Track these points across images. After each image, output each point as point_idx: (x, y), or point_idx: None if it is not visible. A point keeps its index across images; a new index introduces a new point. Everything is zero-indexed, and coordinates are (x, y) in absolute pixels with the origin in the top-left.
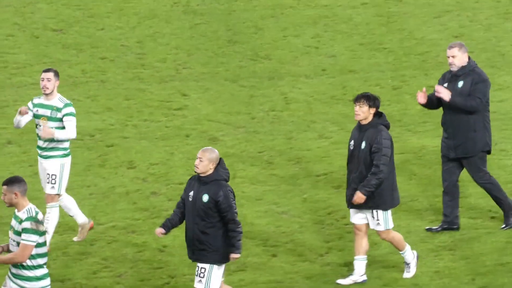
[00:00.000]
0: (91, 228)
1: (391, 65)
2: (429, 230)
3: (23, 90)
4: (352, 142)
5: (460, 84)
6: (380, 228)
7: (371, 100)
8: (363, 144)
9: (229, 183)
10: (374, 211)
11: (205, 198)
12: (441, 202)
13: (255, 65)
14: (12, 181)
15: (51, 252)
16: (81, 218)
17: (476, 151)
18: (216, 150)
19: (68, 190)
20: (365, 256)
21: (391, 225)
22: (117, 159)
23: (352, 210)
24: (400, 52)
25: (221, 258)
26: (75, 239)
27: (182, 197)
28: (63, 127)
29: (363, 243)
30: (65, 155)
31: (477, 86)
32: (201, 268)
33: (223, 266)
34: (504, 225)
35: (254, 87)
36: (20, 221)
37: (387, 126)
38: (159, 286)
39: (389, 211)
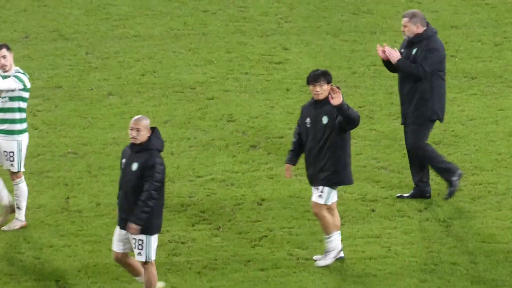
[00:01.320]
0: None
1: (493, 21)
2: (400, 197)
3: (125, 42)
4: (307, 120)
5: (414, 51)
6: (321, 200)
7: (328, 76)
8: (325, 119)
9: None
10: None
11: (134, 166)
12: None
13: (357, 20)
14: None
15: None
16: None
17: (424, 119)
18: (147, 118)
19: (168, 142)
20: (339, 232)
21: (330, 201)
22: (217, 112)
23: (313, 188)
24: (502, 8)
25: (154, 229)
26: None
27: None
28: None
29: (334, 219)
30: (21, 132)
31: (425, 54)
32: (138, 240)
33: (156, 236)
34: (446, 194)
35: (355, 41)
36: None
37: None
38: (257, 239)
39: (335, 190)
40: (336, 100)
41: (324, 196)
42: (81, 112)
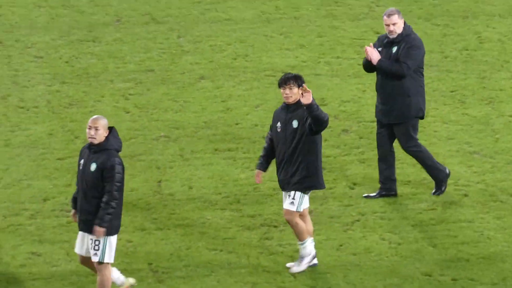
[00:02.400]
0: None
1: None
2: (367, 197)
3: (217, 26)
4: (278, 124)
5: (394, 49)
6: (292, 207)
7: (299, 80)
8: (295, 123)
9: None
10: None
11: (93, 167)
12: None
13: (449, 4)
14: None
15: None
16: None
17: (409, 117)
18: (104, 117)
19: (259, 126)
20: (312, 238)
21: (302, 208)
22: None
23: (284, 194)
24: None
25: (113, 230)
26: None
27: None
28: None
29: (307, 225)
30: None
31: (407, 51)
32: (95, 240)
33: (115, 237)
34: (434, 191)
35: (447, 25)
36: None
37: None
38: (349, 223)
39: (307, 195)
40: (306, 99)
41: (295, 202)
42: (173, 95)
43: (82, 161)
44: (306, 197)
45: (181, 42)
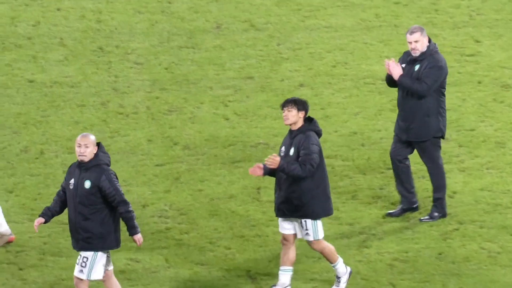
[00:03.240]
0: (9, 241)
1: None
2: (388, 215)
3: (316, 33)
4: (283, 148)
5: (417, 67)
6: (309, 238)
7: (299, 104)
8: (292, 150)
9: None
10: (303, 220)
11: (87, 184)
12: None
13: None
14: None
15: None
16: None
17: (428, 136)
18: (92, 134)
19: (359, 133)
20: (291, 268)
21: (321, 235)
22: None
23: (280, 219)
24: None
25: (106, 244)
26: None
27: (63, 185)
28: None
29: (289, 253)
30: None
31: (429, 71)
32: (83, 257)
33: (105, 254)
34: (427, 217)
35: None
36: None
37: (318, 133)
38: (448, 232)
39: (319, 221)
40: (273, 165)
41: (310, 232)
42: (272, 103)
43: (72, 181)
44: (319, 222)
45: (281, 49)
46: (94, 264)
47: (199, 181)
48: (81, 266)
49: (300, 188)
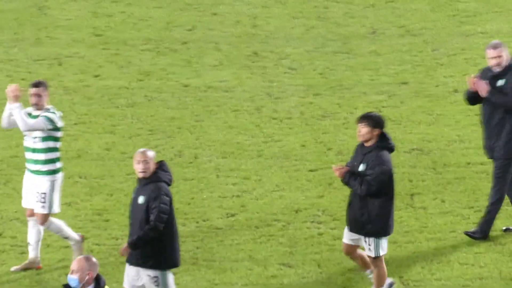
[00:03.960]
0: (38, 268)
1: None
2: (506, 230)
3: (472, 39)
4: (355, 163)
5: (500, 82)
6: (370, 254)
7: (373, 120)
8: (361, 167)
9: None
10: (367, 237)
11: (141, 199)
12: None
13: None
14: None
15: None
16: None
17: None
18: (151, 149)
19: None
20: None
21: (381, 252)
22: None
23: (346, 229)
24: None
25: (167, 264)
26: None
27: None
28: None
29: (362, 258)
30: (55, 172)
31: None
32: (153, 277)
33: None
34: (474, 231)
35: None
36: None
37: (391, 149)
38: None
39: (383, 239)
40: (338, 176)
41: (372, 248)
42: (426, 108)
43: (133, 195)
44: (381, 240)
45: (436, 55)
46: (167, 282)
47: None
48: (155, 285)
49: (366, 205)
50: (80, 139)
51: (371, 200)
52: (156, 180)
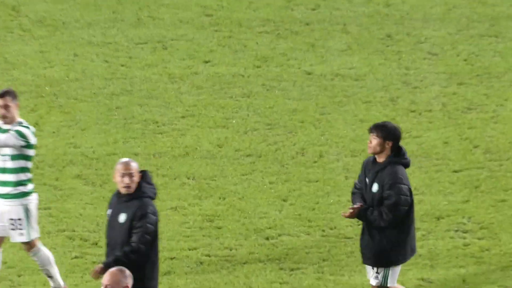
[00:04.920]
0: None
1: None
2: None
3: None
4: (367, 179)
5: None
6: (376, 282)
7: (387, 131)
8: (375, 187)
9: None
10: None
11: (122, 218)
12: None
13: None
14: None
15: None
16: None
17: None
18: (134, 160)
19: None
20: None
21: (390, 283)
22: None
23: (367, 267)
24: None
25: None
26: None
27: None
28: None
29: None
30: (27, 194)
31: None
32: None
33: None
34: None
35: None
36: None
37: (406, 165)
38: None
39: (395, 269)
40: (350, 217)
41: (380, 277)
42: None
43: (109, 212)
44: (392, 270)
45: None
46: None
47: (502, 190)
48: None
49: (380, 234)
50: (188, 134)
51: (386, 229)
52: (141, 195)
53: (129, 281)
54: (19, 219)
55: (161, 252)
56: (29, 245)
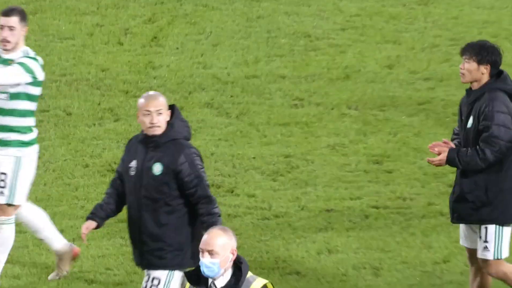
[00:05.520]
0: (74, 257)
1: None
2: None
3: None
4: (459, 118)
5: None
6: (488, 255)
7: (481, 53)
8: (470, 121)
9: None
10: (483, 227)
11: (157, 169)
12: None
13: None
14: None
15: None
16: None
17: None
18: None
19: None
20: None
21: (505, 253)
22: None
23: (461, 228)
24: None
25: (184, 260)
26: (50, 277)
27: (119, 170)
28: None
29: (482, 279)
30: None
31: None
32: (153, 278)
33: (182, 273)
34: None
35: None
36: None
37: (509, 93)
38: None
39: (507, 230)
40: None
41: (490, 246)
42: None
43: (134, 163)
44: (505, 232)
45: None
46: (170, 286)
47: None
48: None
49: (480, 180)
50: (349, 51)
51: (486, 173)
52: (175, 137)
53: (235, 245)
54: (4, 173)
55: (314, 203)
56: (2, 210)
